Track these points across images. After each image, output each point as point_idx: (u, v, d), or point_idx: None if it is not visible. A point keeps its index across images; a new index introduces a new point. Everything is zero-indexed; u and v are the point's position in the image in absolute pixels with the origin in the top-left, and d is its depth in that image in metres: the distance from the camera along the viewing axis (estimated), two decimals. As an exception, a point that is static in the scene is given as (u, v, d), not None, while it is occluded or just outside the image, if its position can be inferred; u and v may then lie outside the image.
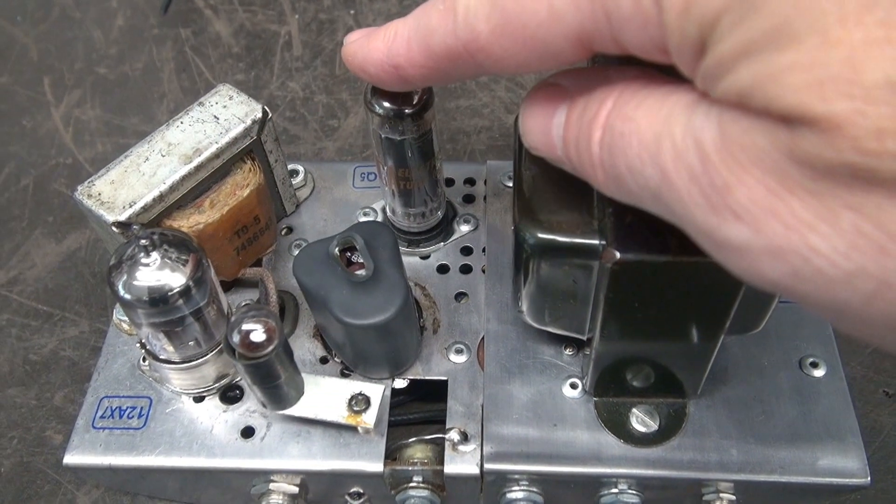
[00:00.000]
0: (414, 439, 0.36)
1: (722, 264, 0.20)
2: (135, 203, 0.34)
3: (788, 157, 0.16)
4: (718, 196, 0.18)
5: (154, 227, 0.34)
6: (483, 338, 0.38)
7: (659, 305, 0.29)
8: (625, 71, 0.22)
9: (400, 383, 0.37)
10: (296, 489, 0.36)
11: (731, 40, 0.16)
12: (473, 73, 0.24)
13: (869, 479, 0.33)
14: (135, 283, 0.30)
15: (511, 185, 0.43)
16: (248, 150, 0.37)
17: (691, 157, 0.18)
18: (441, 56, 0.23)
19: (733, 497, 0.35)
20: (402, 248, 0.39)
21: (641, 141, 0.20)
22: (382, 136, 0.35)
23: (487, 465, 0.34)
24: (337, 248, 0.34)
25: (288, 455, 0.35)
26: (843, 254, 0.16)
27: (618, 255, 0.26)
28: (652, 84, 0.20)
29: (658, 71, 0.21)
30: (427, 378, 0.37)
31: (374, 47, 0.26)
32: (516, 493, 0.35)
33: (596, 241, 0.27)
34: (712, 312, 0.29)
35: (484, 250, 0.41)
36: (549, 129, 0.24)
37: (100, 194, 0.34)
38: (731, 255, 0.19)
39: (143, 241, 0.30)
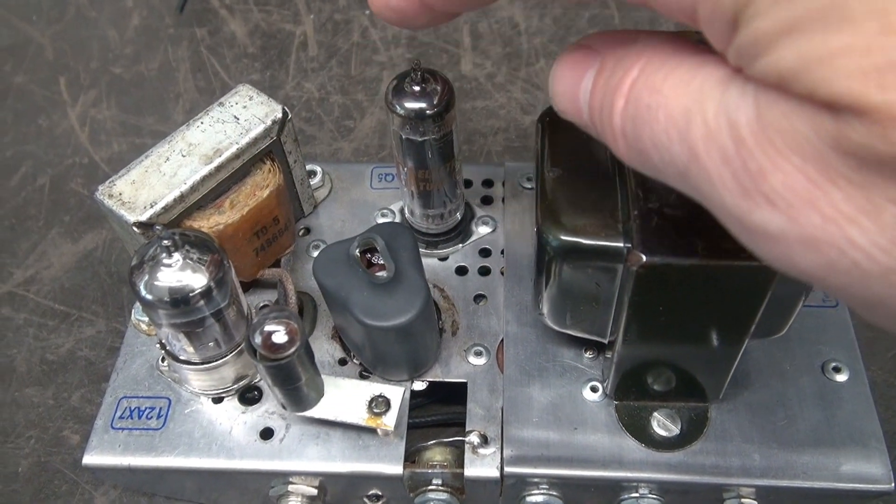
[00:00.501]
0: (433, 442, 0.36)
1: (751, 250, 0.19)
2: (156, 203, 0.34)
3: (832, 146, 0.15)
4: (752, 181, 0.17)
5: (174, 227, 0.34)
6: (502, 340, 0.38)
7: (683, 309, 0.28)
8: (653, 36, 0.20)
9: (419, 385, 0.37)
10: (314, 491, 0.36)
11: (773, 16, 0.15)
12: None
13: (893, 484, 0.33)
14: (156, 283, 0.30)
15: (529, 186, 0.43)
16: (268, 150, 0.37)
17: (724, 137, 0.17)
18: None
19: (755, 502, 0.34)
20: (420, 250, 0.39)
21: (669, 116, 0.19)
22: (403, 136, 0.35)
23: (508, 469, 0.34)
24: (358, 250, 0.34)
25: (307, 457, 0.35)
26: (883, 249, 0.16)
27: (643, 257, 0.26)
28: (681, 52, 0.19)
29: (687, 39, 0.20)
30: (446, 380, 0.37)
31: None
32: (536, 496, 0.35)
33: (621, 244, 0.27)
34: (737, 316, 0.29)
35: (502, 252, 0.41)
36: (577, 93, 0.23)
37: (121, 194, 0.34)
38: (761, 241, 0.18)
39: (165, 242, 0.30)
